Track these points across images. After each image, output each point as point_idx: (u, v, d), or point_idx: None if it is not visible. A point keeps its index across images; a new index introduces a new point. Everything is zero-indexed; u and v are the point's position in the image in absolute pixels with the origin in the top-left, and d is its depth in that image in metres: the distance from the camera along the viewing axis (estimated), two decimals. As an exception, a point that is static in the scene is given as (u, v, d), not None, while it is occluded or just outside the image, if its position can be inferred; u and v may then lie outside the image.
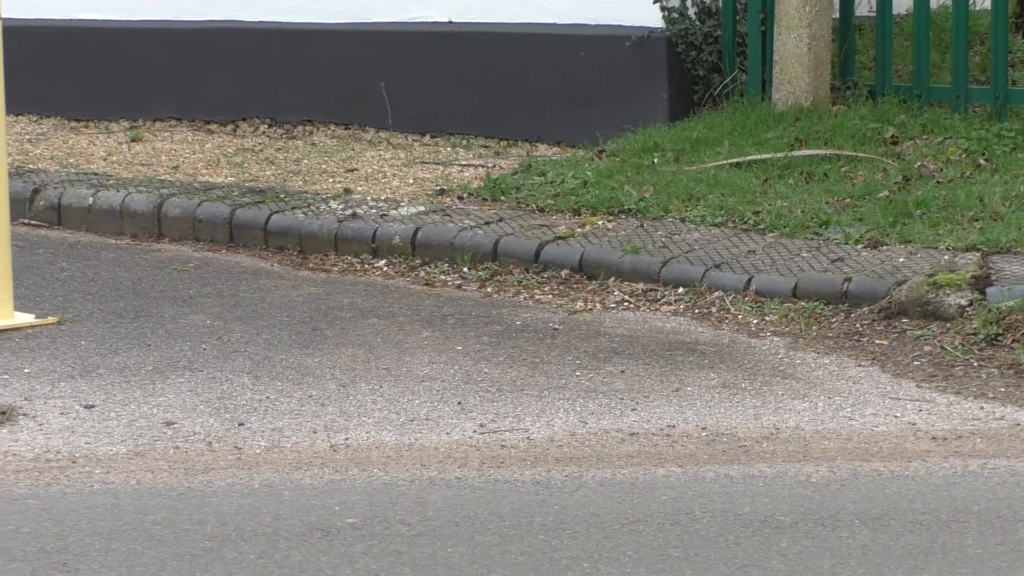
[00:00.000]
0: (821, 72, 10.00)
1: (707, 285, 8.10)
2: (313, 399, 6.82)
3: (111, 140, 11.59)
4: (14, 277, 8.16)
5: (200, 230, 9.41)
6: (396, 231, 8.96)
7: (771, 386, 6.82)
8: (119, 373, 7.13)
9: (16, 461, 6.12)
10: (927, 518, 5.34)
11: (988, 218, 8.29)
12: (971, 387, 6.79)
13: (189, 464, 6.03)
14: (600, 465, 5.94)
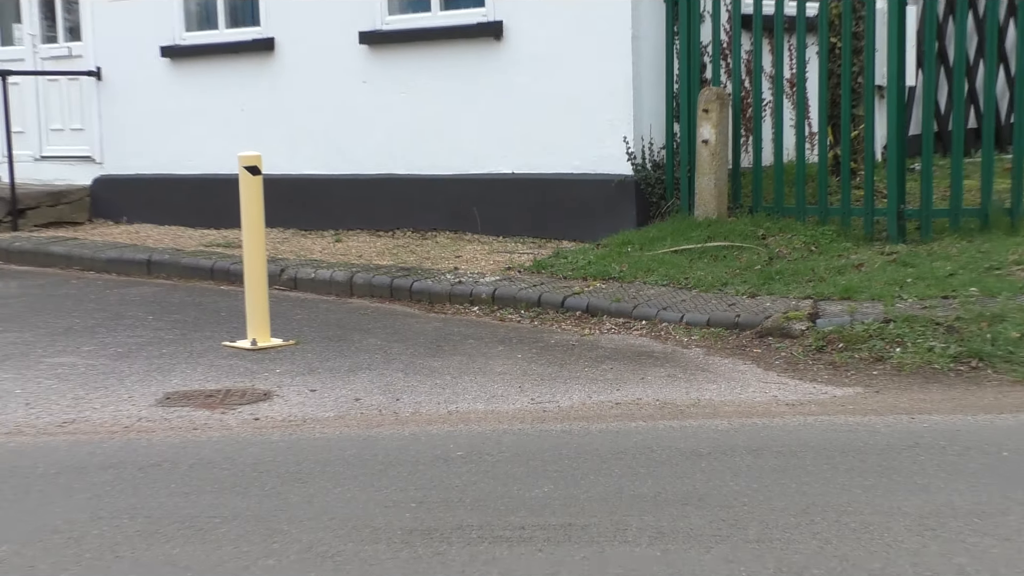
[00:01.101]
0: (721, 199, 9.95)
1: (658, 319, 8.30)
2: (437, 385, 7.10)
3: (323, 241, 11.72)
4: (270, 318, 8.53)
5: (374, 291, 9.66)
6: (483, 290, 9.26)
7: (695, 376, 7.09)
8: (329, 372, 7.44)
9: (273, 421, 6.51)
10: (785, 449, 5.58)
11: (817, 281, 8.55)
12: (808, 375, 7.03)
13: (368, 423, 6.40)
14: (599, 421, 6.25)
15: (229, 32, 13.18)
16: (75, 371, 7.66)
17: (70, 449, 5.98)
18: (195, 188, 13.18)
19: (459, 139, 11.64)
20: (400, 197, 12.12)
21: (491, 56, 11.30)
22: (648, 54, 10.54)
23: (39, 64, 14.89)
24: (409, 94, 11.90)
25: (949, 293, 8.01)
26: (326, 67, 12.39)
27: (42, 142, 14.91)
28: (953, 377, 6.82)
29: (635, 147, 10.69)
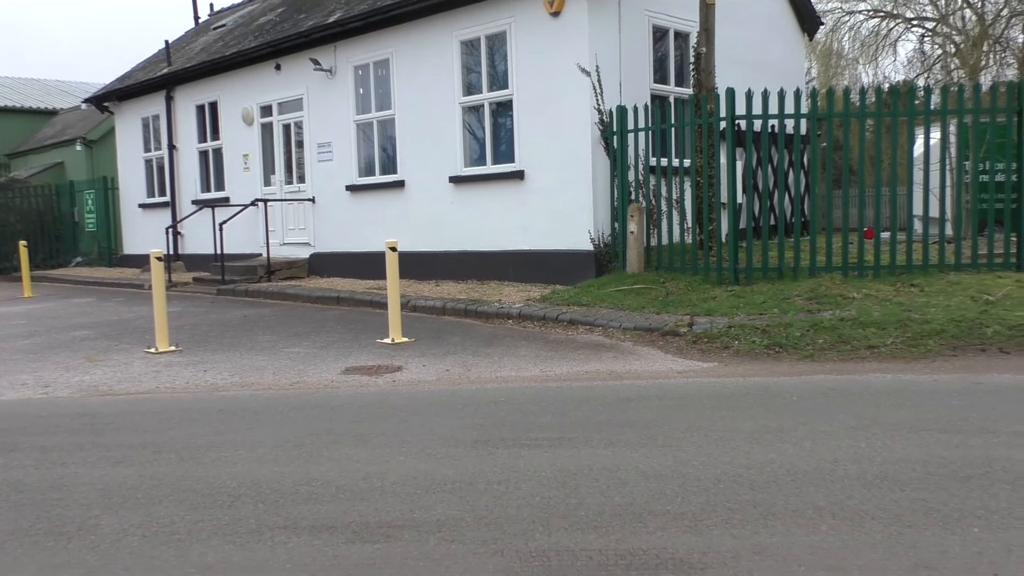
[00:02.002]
0: (641, 262, 9.77)
1: (608, 326, 8.08)
2: (490, 362, 6.98)
3: (429, 286, 11.34)
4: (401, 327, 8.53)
5: (455, 312, 9.50)
6: (514, 311, 9.17)
7: (628, 357, 6.95)
8: (432, 355, 7.30)
9: (402, 382, 6.44)
10: (676, 395, 5.58)
11: (692, 305, 8.43)
12: (688, 356, 6.90)
13: (453, 382, 6.28)
14: (576, 381, 6.14)
15: (381, 177, 13.29)
16: (299, 356, 7.68)
17: (296, 397, 6.01)
18: (362, 258, 13.25)
19: (500, 231, 11.53)
20: (469, 262, 11.81)
21: (518, 187, 11.29)
22: (600, 187, 10.53)
23: (284, 195, 15.02)
24: (474, 208, 11.87)
25: (762, 311, 7.96)
26: (430, 194, 12.42)
27: (283, 235, 15.03)
28: (766, 357, 6.77)
29: (595, 235, 10.49)
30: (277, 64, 14.79)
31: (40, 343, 9.13)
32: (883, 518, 3.24)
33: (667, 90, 11.45)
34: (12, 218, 20.58)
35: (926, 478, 3.66)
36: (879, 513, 3.29)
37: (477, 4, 11.49)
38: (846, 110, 9.18)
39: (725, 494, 3.55)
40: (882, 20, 26.80)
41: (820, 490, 3.56)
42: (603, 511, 3.41)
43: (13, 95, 28.55)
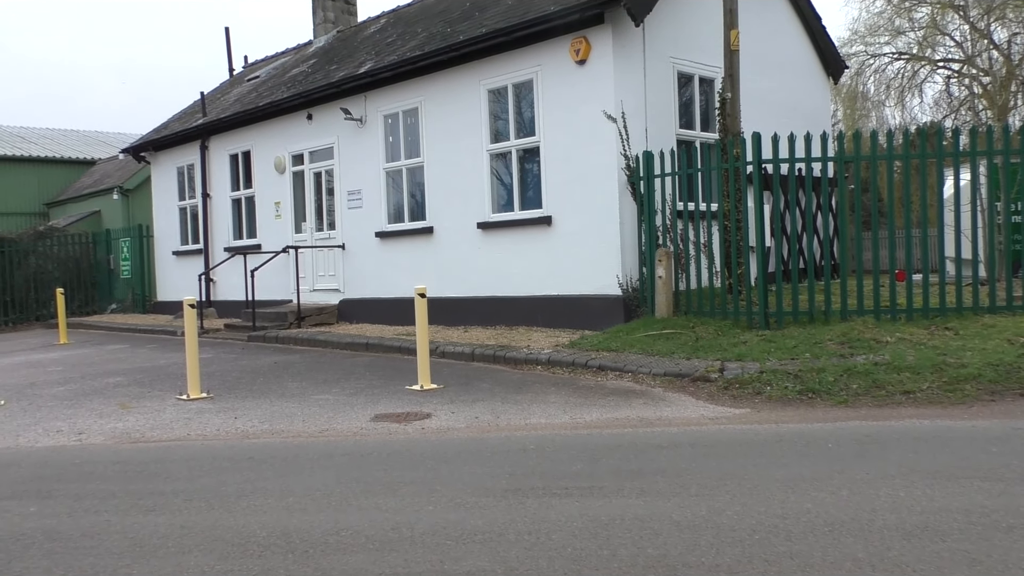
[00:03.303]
0: (669, 307, 9.71)
1: (638, 372, 7.99)
2: (519, 409, 6.91)
3: (458, 332, 11.29)
4: (430, 373, 8.50)
5: (484, 358, 9.39)
6: (543, 357, 9.06)
7: (658, 403, 6.85)
8: (461, 402, 7.25)
9: (431, 430, 6.38)
10: (708, 442, 5.53)
11: (723, 350, 8.34)
12: (720, 402, 6.82)
13: (482, 430, 6.24)
14: (607, 428, 6.04)
15: (410, 224, 13.40)
16: (328, 403, 7.68)
17: (326, 445, 5.99)
18: (391, 304, 13.30)
19: (528, 276, 11.53)
20: (498, 307, 11.82)
21: (545, 234, 11.32)
22: (628, 232, 10.53)
23: (314, 241, 15.17)
24: (502, 253, 11.90)
25: (794, 356, 7.86)
26: (458, 240, 12.48)
27: (314, 282, 15.15)
28: (799, 403, 6.67)
29: (622, 280, 10.48)
30: (309, 114, 15.05)
31: (75, 390, 9.22)
32: (925, 570, 3.13)
33: (693, 135, 11.47)
34: (50, 266, 20.95)
35: (968, 528, 3.55)
36: (920, 565, 3.18)
37: (504, 53, 11.64)
38: (874, 152, 9.13)
39: (761, 545, 3.45)
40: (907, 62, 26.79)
41: (859, 541, 3.45)
42: (636, 563, 3.33)
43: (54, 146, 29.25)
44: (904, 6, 25.79)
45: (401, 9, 17.69)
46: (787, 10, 13.50)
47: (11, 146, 27.71)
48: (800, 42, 13.81)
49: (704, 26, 11.38)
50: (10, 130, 30.37)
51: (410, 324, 10.24)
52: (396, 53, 13.54)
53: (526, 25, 11.00)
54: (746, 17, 11.13)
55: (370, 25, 17.88)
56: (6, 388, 9.45)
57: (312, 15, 19.43)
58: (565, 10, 10.49)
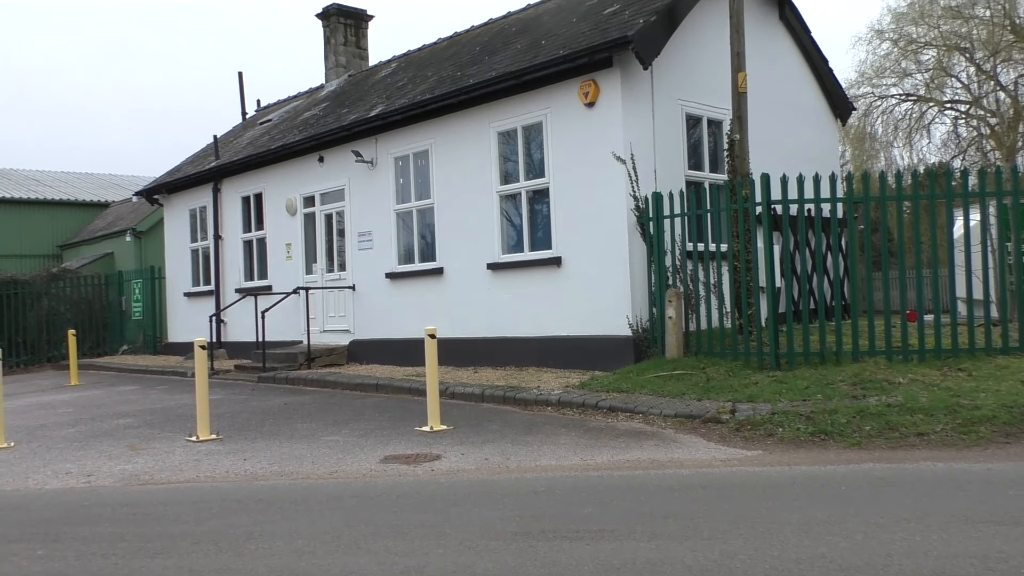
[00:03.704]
0: (680, 348, 9.70)
1: (648, 413, 7.92)
2: (529, 450, 6.85)
3: (467, 372, 11.27)
4: (439, 414, 8.46)
5: (494, 399, 9.36)
6: (553, 398, 9.02)
7: (670, 445, 6.79)
8: (471, 443, 7.21)
9: (441, 472, 6.33)
10: (720, 485, 5.45)
11: (734, 391, 8.28)
12: (732, 444, 6.75)
13: (492, 471, 6.19)
14: (618, 470, 6.02)
15: (420, 265, 13.45)
16: (338, 444, 7.66)
17: (335, 487, 5.97)
18: (401, 345, 13.29)
19: (538, 317, 11.52)
20: (508, 348, 11.78)
21: (555, 274, 11.33)
22: (638, 272, 10.53)
23: (325, 283, 15.23)
24: (512, 294, 11.90)
25: (806, 397, 7.79)
26: (468, 281, 12.49)
27: (324, 323, 15.17)
28: (811, 445, 6.61)
29: (632, 321, 10.45)
30: (320, 156, 15.20)
31: (84, 431, 9.22)
32: (942, 618, 3.09)
33: (702, 176, 11.54)
34: (62, 307, 21.07)
35: (985, 574, 3.50)
36: (938, 612, 3.14)
37: (514, 96, 11.77)
38: (883, 193, 9.15)
39: (774, 591, 3.42)
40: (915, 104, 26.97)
41: (874, 587, 3.42)
42: (648, 608, 3.30)
43: (68, 189, 29.62)
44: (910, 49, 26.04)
45: (412, 53, 17.94)
46: (794, 53, 13.62)
47: (27, 189, 28.08)
48: (807, 84, 13.91)
49: (712, 69, 11.49)
50: (26, 174, 30.80)
51: (420, 365, 10.24)
52: (407, 96, 13.71)
53: (535, 69, 11.14)
54: (753, 60, 11.27)
55: (381, 69, 18.12)
56: (17, 429, 9.46)
57: (324, 60, 19.72)
58: (574, 54, 10.63)
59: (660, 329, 10.22)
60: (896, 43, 26.24)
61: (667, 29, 10.73)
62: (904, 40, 26.00)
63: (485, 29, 16.06)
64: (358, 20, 19.73)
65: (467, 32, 16.74)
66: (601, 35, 10.71)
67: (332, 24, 19.40)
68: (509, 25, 15.07)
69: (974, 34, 24.90)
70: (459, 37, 16.74)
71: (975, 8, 24.70)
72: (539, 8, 15.18)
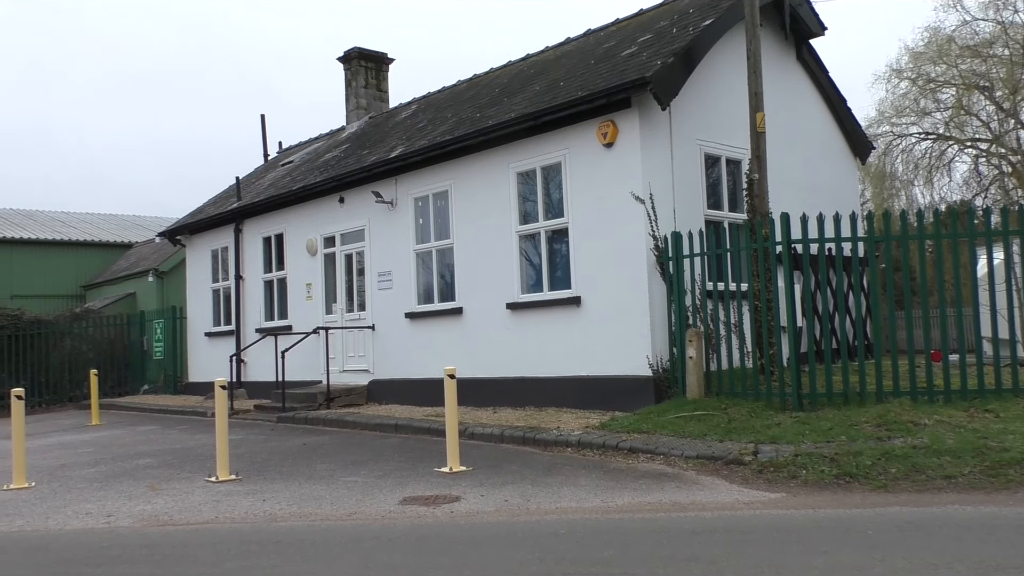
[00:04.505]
0: (700, 388, 9.63)
1: (670, 454, 7.81)
2: (549, 492, 6.77)
3: (486, 413, 11.09)
4: (459, 455, 8.42)
5: (514, 439, 9.30)
6: (573, 439, 8.91)
7: (691, 487, 6.70)
8: (490, 485, 7.14)
9: (461, 513, 6.32)
10: (744, 528, 5.42)
11: (756, 432, 8.21)
12: (754, 486, 6.66)
13: (512, 513, 6.14)
14: (639, 512, 5.95)
15: (439, 304, 13.48)
16: (356, 485, 7.63)
17: (354, 528, 5.95)
18: (420, 385, 13.28)
19: (558, 357, 11.49)
20: (527, 388, 11.73)
21: (574, 313, 11.32)
22: (658, 312, 10.50)
23: (344, 322, 15.29)
24: (531, 334, 11.89)
25: (829, 439, 7.70)
26: (487, 320, 12.51)
27: (344, 363, 15.22)
28: (836, 487, 6.52)
29: (653, 361, 10.40)
30: (341, 197, 15.37)
31: (105, 471, 9.25)
32: (975, 667, 3.02)
33: (721, 215, 11.54)
34: (85, 347, 21.26)
35: (1018, 622, 3.43)
36: (970, 661, 3.07)
37: (532, 137, 11.87)
38: (904, 232, 9.13)
39: (801, 638, 3.36)
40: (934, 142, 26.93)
41: (903, 634, 3.35)
42: (671, 655, 3.25)
43: (92, 230, 30.07)
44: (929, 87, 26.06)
45: (432, 95, 18.19)
46: (812, 93, 13.69)
47: (51, 230, 28.53)
48: (826, 123, 13.95)
49: (730, 109, 11.56)
50: (51, 215, 31.34)
51: (439, 405, 10.22)
52: (427, 137, 13.86)
53: (554, 110, 11.23)
54: (772, 100, 11.33)
55: (401, 111, 18.37)
56: (37, 469, 9.50)
57: (345, 102, 20.02)
58: (592, 95, 10.73)
59: (681, 369, 10.15)
60: (915, 82, 26.30)
61: (685, 70, 10.82)
62: (923, 79, 26.06)
63: (504, 71, 16.28)
64: (379, 63, 20.05)
65: (486, 74, 16.98)
66: (619, 76, 10.81)
67: (353, 67, 19.73)
68: (527, 67, 15.26)
69: (993, 72, 24.92)
70: (478, 79, 16.97)
71: (993, 47, 24.75)
72: (557, 50, 15.39)
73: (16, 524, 6.69)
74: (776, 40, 12.80)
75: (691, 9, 12.61)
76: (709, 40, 11.28)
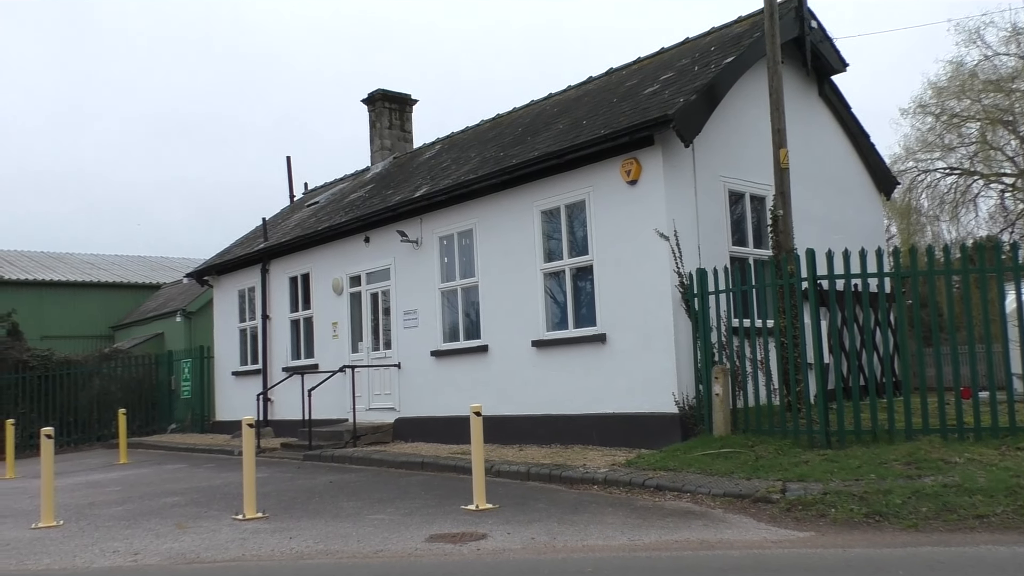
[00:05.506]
0: (727, 425, 9.53)
1: (696, 492, 7.77)
2: (575, 530, 6.75)
3: (513, 450, 11.24)
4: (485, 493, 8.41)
5: (540, 477, 9.23)
6: (599, 476, 8.85)
7: (719, 525, 6.65)
8: (516, 522, 7.13)
9: (487, 551, 6.31)
10: (772, 567, 5.39)
11: (783, 470, 8.12)
12: (783, 524, 6.59)
13: (538, 551, 6.13)
14: (666, 550, 5.96)
15: (464, 342, 13.53)
16: (383, 522, 7.64)
17: (380, 566, 5.96)
18: (446, 422, 13.28)
19: (583, 394, 11.46)
20: (553, 425, 11.70)
21: (600, 351, 11.33)
22: (683, 349, 10.49)
23: (370, 361, 15.38)
24: (556, 371, 11.89)
25: (858, 477, 7.61)
26: (513, 358, 12.53)
27: (370, 401, 15.28)
28: (865, 526, 6.44)
29: (679, 398, 10.35)
30: (366, 237, 15.55)
31: (132, 510, 9.33)
32: None
33: (746, 252, 11.55)
34: (113, 387, 21.50)
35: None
36: None
37: (556, 176, 11.98)
38: (931, 267, 9.08)
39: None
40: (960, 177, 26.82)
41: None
42: None
43: (121, 271, 30.56)
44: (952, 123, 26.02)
45: (455, 135, 18.42)
46: (835, 129, 13.71)
47: (81, 272, 29.04)
48: (849, 159, 13.96)
49: (753, 145, 11.60)
50: (81, 257, 31.92)
51: (465, 443, 10.23)
52: (451, 177, 14.03)
53: (577, 148, 11.34)
54: (795, 136, 11.38)
55: (425, 151, 18.60)
56: (66, 508, 9.59)
57: (369, 143, 20.32)
58: (615, 133, 10.83)
59: (707, 406, 10.09)
60: (938, 117, 26.28)
61: (707, 107, 10.90)
62: (946, 114, 26.04)
63: (527, 111, 16.47)
64: (402, 104, 20.35)
65: (509, 113, 17.18)
66: (641, 115, 10.92)
67: (377, 109, 20.05)
68: (550, 106, 15.44)
69: (1016, 107, 24.86)
70: (501, 119, 17.18)
71: (1015, 82, 24.72)
72: (579, 89, 15.56)
73: (44, 563, 6.77)
74: (798, 77, 12.87)
75: (712, 47, 12.72)
76: (731, 77, 11.37)
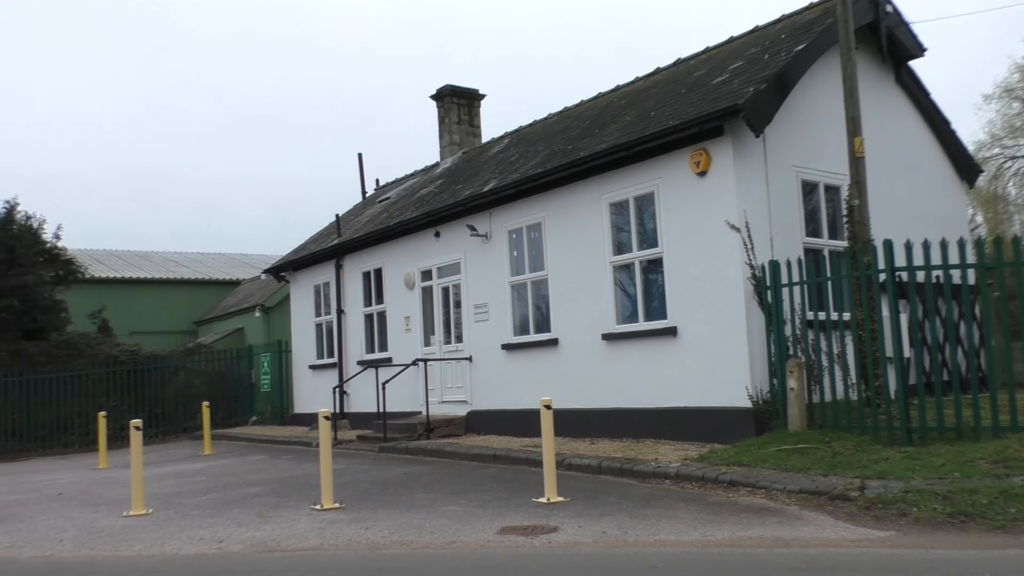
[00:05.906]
0: (803, 420, 9.35)
1: (771, 488, 7.59)
2: (647, 524, 6.68)
3: (583, 444, 10.91)
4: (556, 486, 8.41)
5: (611, 471, 9.24)
6: (671, 471, 8.75)
7: (794, 522, 6.50)
8: (588, 516, 7.08)
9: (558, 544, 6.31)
10: (851, 567, 5.31)
11: (862, 467, 7.90)
12: (861, 523, 6.39)
13: (609, 545, 6.10)
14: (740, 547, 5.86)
15: (534, 336, 13.55)
16: (456, 514, 7.71)
17: (452, 557, 6.01)
18: (517, 415, 13.33)
19: (654, 388, 11.36)
20: (624, 419, 11.58)
21: (671, 344, 11.21)
22: (756, 342, 10.31)
23: (442, 354, 15.52)
24: (627, 365, 11.81)
25: (942, 475, 7.34)
26: (583, 351, 12.49)
27: (442, 394, 15.42)
28: (949, 527, 6.23)
29: (752, 392, 10.18)
30: (436, 232, 15.69)
31: (216, 499, 9.62)
32: None
33: (820, 243, 11.27)
34: (197, 380, 22.20)
35: None
36: None
37: (624, 168, 11.88)
38: (1017, 258, 8.70)
39: None
40: (1050, 162, 25.67)
41: None
42: None
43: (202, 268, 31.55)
44: (1042, 106, 24.94)
45: (523, 129, 18.42)
46: (914, 116, 13.27)
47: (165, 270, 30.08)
48: (929, 147, 13.50)
49: (827, 134, 11.30)
50: (164, 255, 33.08)
51: (536, 436, 10.27)
52: (519, 171, 14.04)
53: (645, 140, 11.21)
54: (870, 124, 11.03)
55: (493, 145, 18.66)
56: (155, 497, 9.94)
57: (439, 138, 20.48)
58: (684, 124, 10.68)
59: (782, 401, 9.90)
60: (1025, 100, 25.19)
61: (778, 96, 10.67)
62: (1034, 97, 24.93)
63: (594, 103, 16.37)
64: (470, 99, 20.44)
65: (576, 106, 17.10)
66: (710, 105, 10.74)
67: (446, 104, 20.19)
68: (618, 98, 15.32)
69: (1111, 87, 23.67)
70: (568, 112, 17.11)
71: (1110, 61, 23.52)
72: (647, 81, 15.40)
73: (135, 549, 7.03)
74: (873, 63, 12.48)
75: (783, 35, 12.43)
76: (803, 65, 11.10)
